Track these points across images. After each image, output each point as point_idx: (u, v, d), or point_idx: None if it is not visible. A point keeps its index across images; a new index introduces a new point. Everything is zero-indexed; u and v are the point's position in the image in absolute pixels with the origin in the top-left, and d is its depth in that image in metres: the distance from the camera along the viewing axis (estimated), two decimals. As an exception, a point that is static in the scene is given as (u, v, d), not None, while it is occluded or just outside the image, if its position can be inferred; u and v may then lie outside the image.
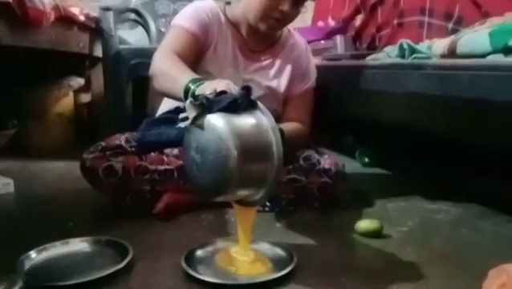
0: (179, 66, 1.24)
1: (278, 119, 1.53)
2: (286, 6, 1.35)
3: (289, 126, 1.41)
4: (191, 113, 0.94)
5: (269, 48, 1.52)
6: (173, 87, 1.14)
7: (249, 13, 1.40)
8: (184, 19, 1.40)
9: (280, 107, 1.54)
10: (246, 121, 0.93)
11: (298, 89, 1.55)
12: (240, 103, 0.93)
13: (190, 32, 1.38)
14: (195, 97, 0.98)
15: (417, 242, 1.21)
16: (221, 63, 1.44)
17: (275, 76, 1.51)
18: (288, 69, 1.52)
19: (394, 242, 1.22)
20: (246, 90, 0.95)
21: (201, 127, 0.93)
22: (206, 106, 0.93)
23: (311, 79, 1.57)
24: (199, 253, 1.09)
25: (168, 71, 1.22)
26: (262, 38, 1.49)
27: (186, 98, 1.03)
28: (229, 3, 1.50)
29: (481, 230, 1.30)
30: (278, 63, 1.52)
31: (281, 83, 1.52)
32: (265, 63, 1.51)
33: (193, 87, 1.05)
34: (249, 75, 1.47)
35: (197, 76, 1.12)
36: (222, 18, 1.46)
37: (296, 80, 1.54)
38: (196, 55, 1.40)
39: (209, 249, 1.11)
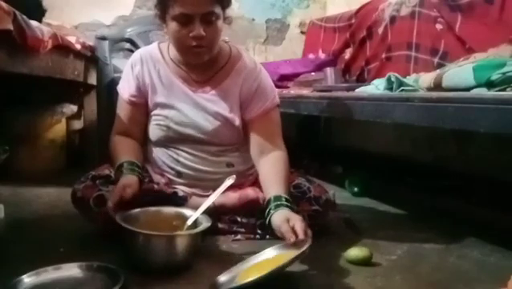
0: (119, 154, 1.42)
1: (239, 148, 1.52)
2: (195, 31, 1.31)
3: (276, 167, 1.40)
4: None
5: (215, 75, 1.48)
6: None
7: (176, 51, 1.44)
8: (122, 86, 1.53)
9: (240, 135, 1.50)
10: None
11: (255, 111, 1.47)
12: None
13: (127, 101, 1.50)
14: None
15: (406, 270, 1.23)
16: (167, 100, 1.47)
17: (226, 103, 1.47)
18: (236, 94, 1.47)
19: (383, 269, 1.24)
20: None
21: None
22: None
23: (269, 98, 1.49)
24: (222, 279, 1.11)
25: (113, 158, 1.43)
26: (203, 67, 1.46)
27: None
28: None
29: (467, 259, 1.32)
30: (225, 89, 1.47)
31: (233, 109, 1.47)
32: (213, 92, 1.47)
33: None
34: (200, 104, 1.46)
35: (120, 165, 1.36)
36: (160, 57, 1.49)
37: (250, 102, 1.48)
38: (143, 107, 1.51)
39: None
